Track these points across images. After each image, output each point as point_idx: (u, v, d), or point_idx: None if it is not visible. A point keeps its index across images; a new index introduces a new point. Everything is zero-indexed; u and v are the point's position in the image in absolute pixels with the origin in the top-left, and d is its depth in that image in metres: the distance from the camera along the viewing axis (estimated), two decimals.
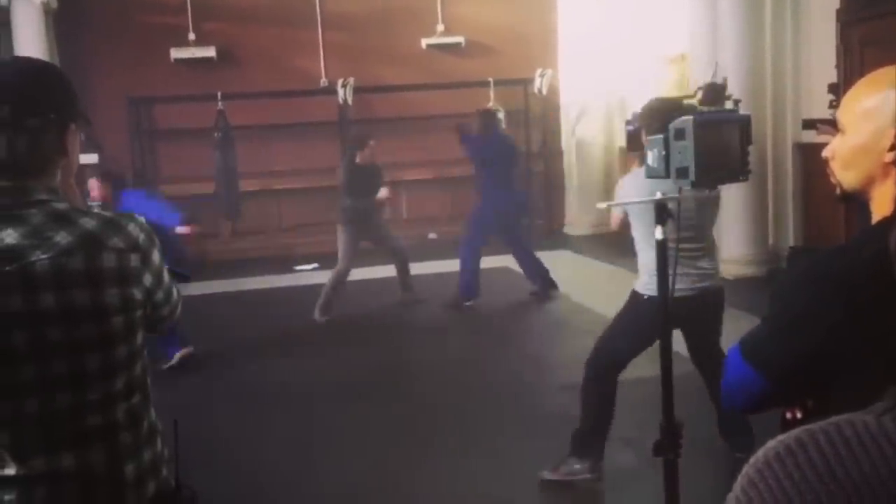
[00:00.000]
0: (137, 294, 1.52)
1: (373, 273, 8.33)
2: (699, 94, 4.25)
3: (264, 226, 11.11)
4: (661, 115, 3.37)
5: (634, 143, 3.68)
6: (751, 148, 6.92)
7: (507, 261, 9.79)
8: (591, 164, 11.48)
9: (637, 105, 10.59)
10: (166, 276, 1.63)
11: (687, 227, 3.35)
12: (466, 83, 11.06)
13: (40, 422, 1.44)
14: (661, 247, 2.64)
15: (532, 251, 8.00)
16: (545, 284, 7.78)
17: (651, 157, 2.51)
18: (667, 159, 2.41)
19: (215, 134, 10.07)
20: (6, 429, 1.43)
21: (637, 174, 3.62)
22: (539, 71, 11.28)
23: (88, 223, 1.48)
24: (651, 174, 2.56)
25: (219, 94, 10.09)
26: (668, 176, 2.43)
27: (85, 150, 10.12)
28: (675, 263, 2.93)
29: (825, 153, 1.40)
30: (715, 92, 4.33)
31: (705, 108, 3.41)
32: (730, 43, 7.79)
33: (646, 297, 3.65)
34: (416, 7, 11.35)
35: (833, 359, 1.25)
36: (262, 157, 10.79)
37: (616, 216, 3.89)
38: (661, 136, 2.45)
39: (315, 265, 9.78)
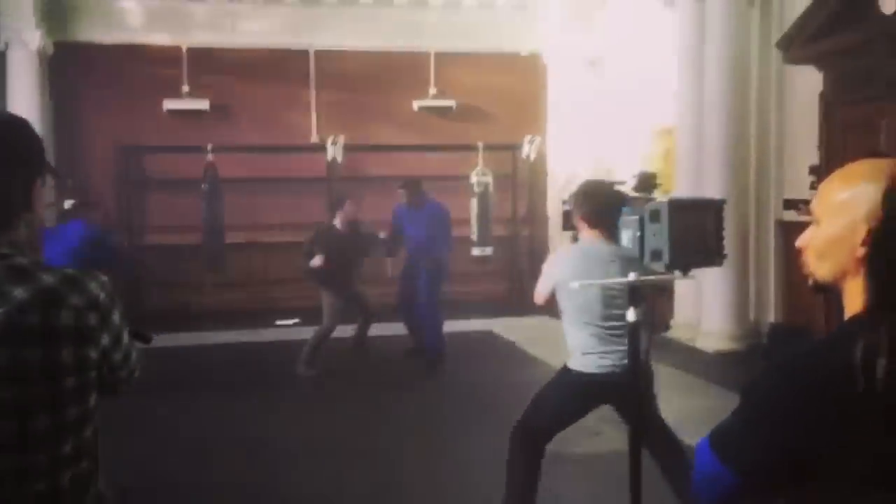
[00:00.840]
0: (93, 354, 1.48)
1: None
2: (631, 182, 4.33)
3: (249, 278, 11.07)
4: (591, 199, 3.72)
5: (568, 223, 3.85)
6: (734, 223, 7.01)
7: (492, 324, 9.81)
8: None
9: (624, 175, 10.68)
10: (126, 337, 1.59)
11: (618, 306, 3.47)
12: (456, 146, 11.18)
13: None
14: (635, 328, 2.64)
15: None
16: (431, 357, 7.63)
17: (625, 237, 2.53)
18: (641, 241, 2.43)
19: (203, 185, 10.10)
20: None
21: (570, 252, 3.81)
22: (528, 137, 11.44)
23: (48, 279, 1.44)
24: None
25: (209, 146, 10.14)
26: (642, 258, 2.45)
27: (70, 197, 10.15)
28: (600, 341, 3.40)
29: (799, 243, 1.42)
30: (646, 179, 4.39)
31: (636, 195, 3.45)
32: (716, 118, 7.95)
33: (574, 371, 3.70)
34: (410, 69, 11.53)
35: (802, 461, 1.25)
36: (250, 209, 10.81)
37: (542, 293, 3.86)
38: (635, 216, 2.48)
39: (296, 320, 9.73)
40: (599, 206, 3.66)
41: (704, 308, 8.20)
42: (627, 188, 3.82)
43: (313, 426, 5.93)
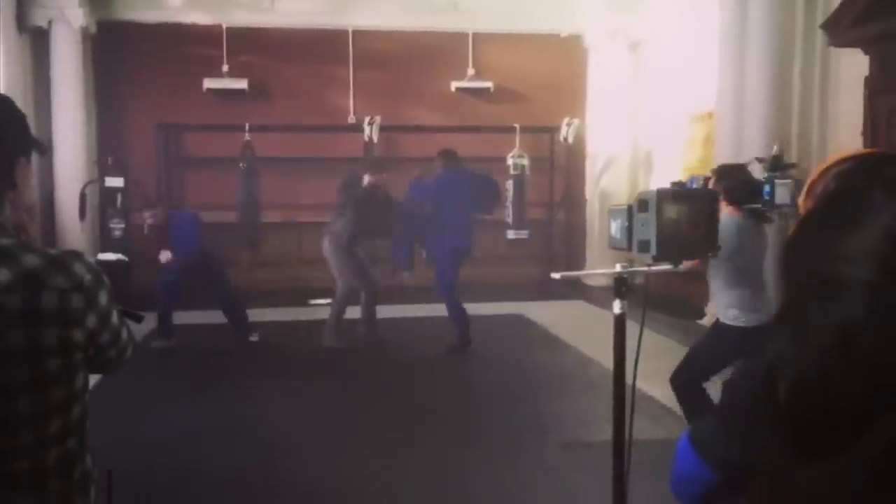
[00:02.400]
0: (78, 336, 1.47)
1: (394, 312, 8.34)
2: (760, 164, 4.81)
3: (284, 257, 11.16)
4: (730, 180, 4.30)
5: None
6: (775, 212, 6.83)
7: (524, 308, 9.76)
8: None
9: (664, 159, 10.50)
10: (115, 318, 1.57)
11: (762, 270, 4.35)
12: (493, 128, 11.13)
13: None
14: (620, 321, 2.58)
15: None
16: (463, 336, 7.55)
17: (614, 227, 2.47)
18: (629, 231, 2.38)
19: (241, 164, 10.19)
20: None
21: (728, 222, 4.11)
22: (566, 120, 11.31)
23: (31, 261, 1.44)
24: (614, 245, 2.52)
25: (246, 125, 10.22)
26: (630, 248, 2.39)
27: (111, 174, 10.33)
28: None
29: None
30: (777, 161, 4.65)
31: (768, 175, 4.15)
32: (757, 103, 7.77)
33: (732, 326, 4.30)
34: (448, 50, 11.47)
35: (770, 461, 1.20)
36: (286, 189, 10.88)
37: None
38: (624, 206, 2.42)
39: (330, 300, 9.77)
40: (738, 185, 4.28)
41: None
42: (758, 170, 4.52)
43: (335, 407, 5.96)
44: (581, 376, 6.61)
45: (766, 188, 4.14)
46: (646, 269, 2.47)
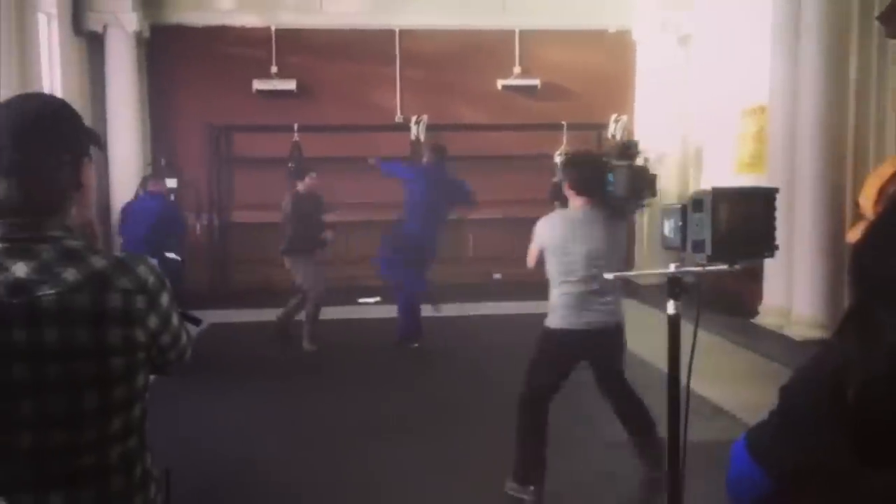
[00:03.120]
0: (141, 336, 1.51)
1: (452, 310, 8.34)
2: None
3: (332, 256, 11.24)
4: (577, 169, 4.17)
5: (555, 195, 4.37)
6: (828, 206, 6.77)
7: None
8: None
9: (715, 155, 10.34)
10: (175, 320, 1.61)
11: (598, 266, 3.96)
12: (540, 125, 11.06)
13: (33, 458, 1.43)
14: (674, 322, 2.53)
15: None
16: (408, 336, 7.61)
17: (667, 227, 2.42)
18: (683, 231, 2.32)
19: (289, 164, 10.28)
20: None
21: (555, 217, 4.22)
22: (614, 116, 11.20)
23: (98, 262, 1.48)
24: (667, 245, 2.47)
25: (295, 125, 10.32)
26: (684, 248, 2.34)
27: (166, 175, 10.55)
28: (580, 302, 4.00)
29: (850, 238, 1.33)
30: (626, 147, 4.70)
31: (618, 163, 3.95)
32: (811, 97, 7.59)
33: (554, 329, 4.14)
34: (494, 48, 11.44)
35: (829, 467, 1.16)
36: (334, 188, 10.94)
37: (533, 254, 4.25)
38: (678, 205, 2.37)
39: (378, 298, 9.83)
40: (585, 175, 4.11)
41: (796, 294, 7.89)
42: (610, 156, 4.37)
43: (370, 405, 5.99)
44: (632, 376, 6.51)
45: (609, 176, 3.89)
46: (700, 269, 2.41)
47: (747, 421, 3.86)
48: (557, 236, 4.08)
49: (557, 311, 4.13)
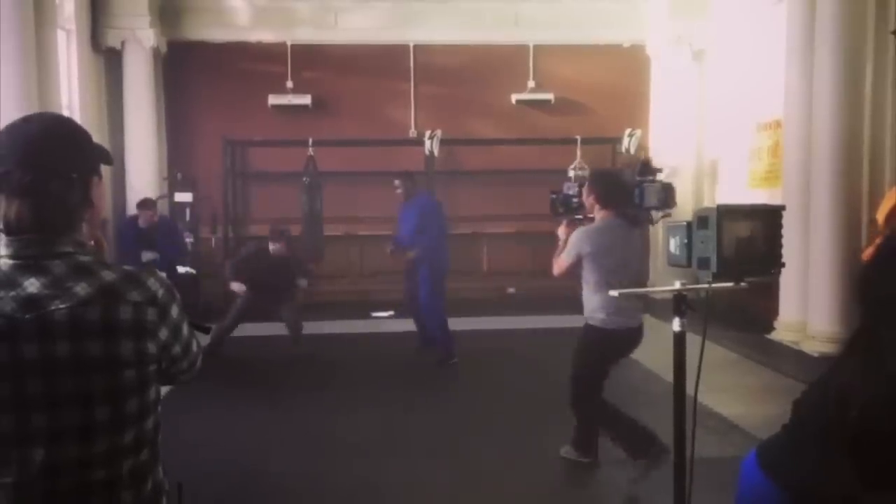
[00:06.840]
0: (152, 348, 1.52)
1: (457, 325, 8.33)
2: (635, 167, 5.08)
3: (345, 270, 11.29)
4: (602, 184, 4.54)
5: (555, 209, 4.78)
6: (845, 220, 6.87)
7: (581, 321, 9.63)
8: None
9: (729, 169, 10.35)
10: (186, 331, 1.62)
11: (634, 272, 4.46)
12: (554, 140, 11.08)
13: (44, 471, 1.44)
14: (680, 339, 2.52)
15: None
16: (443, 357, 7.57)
17: (673, 244, 2.41)
18: (688, 248, 2.31)
19: (304, 178, 10.34)
20: (10, 475, 1.43)
21: (595, 227, 4.50)
22: (628, 130, 11.19)
23: (109, 276, 1.50)
24: (673, 262, 2.46)
25: (310, 140, 10.38)
26: (689, 265, 2.33)
27: (180, 189, 10.63)
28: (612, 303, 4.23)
29: (866, 256, 1.32)
30: (645, 163, 5.09)
31: (640, 179, 4.47)
32: (827, 111, 7.55)
33: (613, 330, 4.43)
34: (508, 63, 11.47)
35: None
36: (348, 202, 11.00)
37: (565, 265, 4.52)
38: (683, 222, 2.36)
39: (391, 312, 9.84)
40: (610, 189, 4.51)
41: (811, 309, 7.83)
42: (631, 174, 4.78)
43: (387, 420, 5.97)
44: (645, 391, 6.49)
45: (637, 191, 4.48)
46: (706, 286, 2.41)
47: (762, 437, 3.80)
48: (605, 243, 4.39)
49: (610, 313, 4.39)
